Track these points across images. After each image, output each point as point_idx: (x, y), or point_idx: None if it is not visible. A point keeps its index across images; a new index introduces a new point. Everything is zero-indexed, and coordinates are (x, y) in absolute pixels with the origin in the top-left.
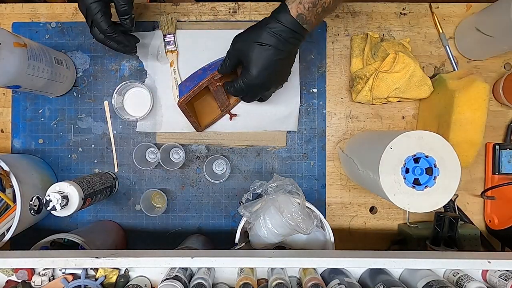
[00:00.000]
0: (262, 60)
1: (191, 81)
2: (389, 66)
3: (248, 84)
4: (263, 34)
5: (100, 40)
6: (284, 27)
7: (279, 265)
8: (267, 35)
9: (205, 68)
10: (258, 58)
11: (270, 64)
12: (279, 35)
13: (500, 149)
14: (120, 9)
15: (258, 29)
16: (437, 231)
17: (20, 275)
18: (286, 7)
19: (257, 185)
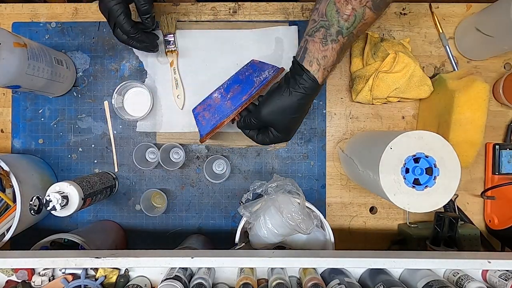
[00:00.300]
0: (292, 127)
1: (209, 111)
2: (389, 66)
3: (274, 141)
4: (295, 108)
5: (123, 40)
6: (312, 95)
7: (279, 265)
8: (297, 108)
9: (222, 95)
10: (290, 127)
11: (298, 125)
12: (307, 103)
13: (500, 149)
14: (141, 9)
15: (289, 101)
16: (437, 231)
17: (20, 275)
18: (315, 78)
19: (257, 185)
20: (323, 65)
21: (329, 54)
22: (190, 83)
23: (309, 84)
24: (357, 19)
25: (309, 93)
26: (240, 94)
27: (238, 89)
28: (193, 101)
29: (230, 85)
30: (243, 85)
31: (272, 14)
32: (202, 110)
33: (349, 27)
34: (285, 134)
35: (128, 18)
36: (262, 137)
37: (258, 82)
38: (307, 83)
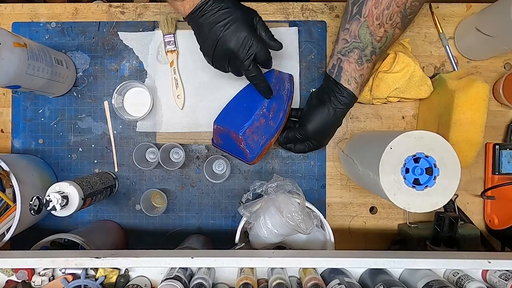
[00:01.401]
0: (331, 136)
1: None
2: (389, 66)
3: (313, 149)
4: (339, 122)
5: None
6: (349, 108)
7: (279, 265)
8: (339, 120)
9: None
10: (329, 136)
11: (333, 134)
12: (344, 115)
13: (500, 149)
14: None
15: (333, 118)
16: (437, 231)
17: (20, 275)
18: (354, 95)
19: (257, 185)
20: (360, 83)
21: (365, 72)
22: (190, 83)
23: (349, 101)
24: (388, 39)
25: (349, 108)
26: (277, 112)
27: (275, 107)
28: (193, 101)
29: (270, 103)
30: (277, 102)
31: (272, 14)
32: (251, 134)
33: (381, 47)
34: (323, 143)
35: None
36: (301, 147)
37: (286, 95)
38: (348, 100)
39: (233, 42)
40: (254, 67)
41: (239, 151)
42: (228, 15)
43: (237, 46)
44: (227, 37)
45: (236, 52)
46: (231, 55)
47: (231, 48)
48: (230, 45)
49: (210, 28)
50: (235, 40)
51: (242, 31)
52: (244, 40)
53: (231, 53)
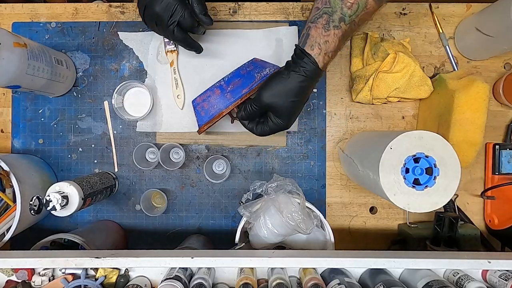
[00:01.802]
0: (293, 112)
1: (208, 102)
2: (389, 66)
3: (276, 129)
4: (296, 90)
5: (180, 39)
6: (313, 79)
7: (279, 265)
8: (298, 92)
9: (222, 87)
10: (290, 111)
11: (299, 110)
12: (306, 88)
13: (500, 149)
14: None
15: (289, 83)
16: (437, 231)
17: (20, 275)
18: (315, 61)
19: (257, 185)
20: (324, 50)
21: (331, 39)
22: (190, 83)
23: (309, 67)
24: (360, 7)
25: (310, 76)
26: (240, 88)
27: (238, 83)
28: None
29: (231, 79)
30: (243, 80)
31: (272, 14)
32: (202, 101)
33: (352, 15)
34: (285, 120)
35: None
36: (262, 127)
37: (259, 77)
38: (308, 66)
39: (158, 6)
40: (179, 32)
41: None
42: None
43: (161, 10)
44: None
45: (161, 16)
46: (157, 19)
47: (156, 12)
48: (155, 8)
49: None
50: (159, 4)
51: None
52: (168, 6)
53: (156, 17)
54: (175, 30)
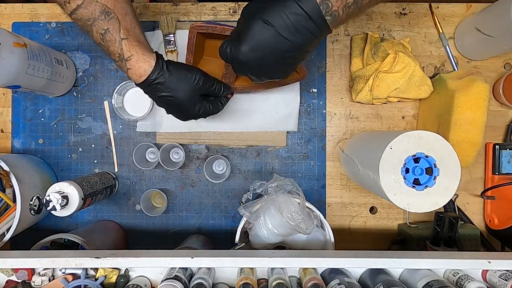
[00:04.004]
0: (256, 40)
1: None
2: (389, 66)
3: (231, 57)
4: (272, 11)
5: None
6: (301, 10)
7: (279, 265)
8: (275, 13)
9: None
10: (253, 35)
11: (262, 48)
12: (290, 20)
13: (500, 149)
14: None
15: (271, 3)
16: (437, 231)
17: (20, 275)
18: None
19: (257, 185)
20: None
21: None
22: None
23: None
24: None
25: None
26: None
27: None
28: None
29: None
30: None
31: None
32: None
33: None
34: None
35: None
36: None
37: None
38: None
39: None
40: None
41: None
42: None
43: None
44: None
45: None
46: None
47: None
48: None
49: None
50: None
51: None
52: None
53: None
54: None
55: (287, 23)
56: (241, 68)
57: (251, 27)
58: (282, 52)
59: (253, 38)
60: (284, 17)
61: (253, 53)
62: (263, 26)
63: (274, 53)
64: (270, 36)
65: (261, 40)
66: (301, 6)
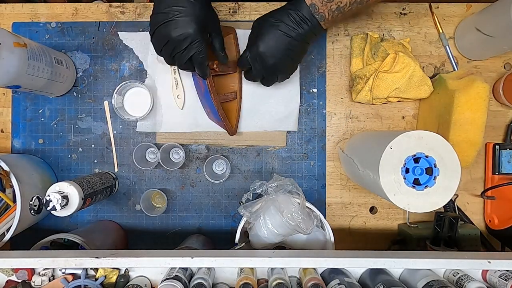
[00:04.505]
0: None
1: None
2: (389, 66)
3: (252, 57)
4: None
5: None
6: (298, 11)
7: (279, 265)
8: (281, 13)
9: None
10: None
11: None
12: (292, 16)
13: (500, 149)
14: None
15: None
16: (437, 231)
17: (20, 275)
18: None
19: (257, 185)
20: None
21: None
22: (190, 83)
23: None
24: None
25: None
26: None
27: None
28: (193, 101)
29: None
30: None
31: None
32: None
33: None
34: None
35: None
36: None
37: None
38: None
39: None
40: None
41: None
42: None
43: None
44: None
45: (174, 46)
46: (169, 45)
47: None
48: (171, 34)
49: (168, 6)
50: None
51: (189, 27)
52: (186, 38)
53: (168, 43)
54: (186, 62)
55: (289, 24)
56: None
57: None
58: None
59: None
60: (287, 20)
61: (268, 49)
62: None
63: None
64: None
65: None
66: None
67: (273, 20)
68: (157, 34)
